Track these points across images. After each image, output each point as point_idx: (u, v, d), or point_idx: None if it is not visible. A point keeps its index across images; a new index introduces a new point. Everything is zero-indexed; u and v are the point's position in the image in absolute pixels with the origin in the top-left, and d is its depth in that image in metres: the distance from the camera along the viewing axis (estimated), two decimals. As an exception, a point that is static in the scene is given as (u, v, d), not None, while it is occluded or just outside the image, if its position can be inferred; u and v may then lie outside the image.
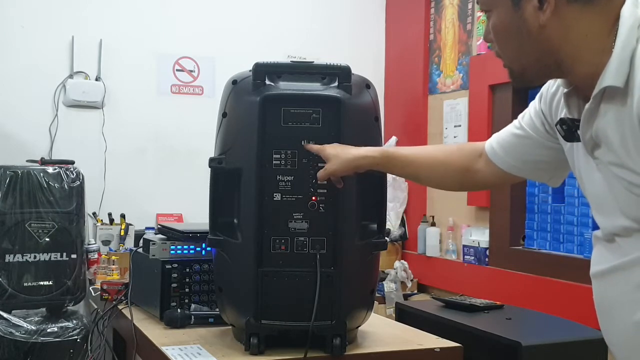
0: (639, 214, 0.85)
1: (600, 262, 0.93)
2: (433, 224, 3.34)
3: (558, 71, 0.92)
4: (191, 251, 1.57)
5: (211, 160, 1.30)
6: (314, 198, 1.25)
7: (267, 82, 1.26)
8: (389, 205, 3.25)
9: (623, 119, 0.83)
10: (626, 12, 0.85)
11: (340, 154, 1.21)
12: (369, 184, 1.31)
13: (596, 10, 0.86)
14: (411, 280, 3.32)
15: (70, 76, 3.11)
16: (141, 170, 3.19)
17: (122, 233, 3.00)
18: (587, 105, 0.88)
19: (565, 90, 0.95)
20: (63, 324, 2.06)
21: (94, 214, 3.03)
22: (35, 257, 2.02)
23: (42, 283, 2.02)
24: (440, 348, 1.34)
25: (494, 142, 1.14)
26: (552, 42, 0.89)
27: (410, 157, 1.22)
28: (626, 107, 0.83)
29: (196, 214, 2.79)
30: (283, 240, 1.25)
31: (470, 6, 3.18)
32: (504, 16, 0.91)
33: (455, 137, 3.20)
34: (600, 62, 0.85)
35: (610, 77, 0.84)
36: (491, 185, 1.24)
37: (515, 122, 1.12)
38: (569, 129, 0.93)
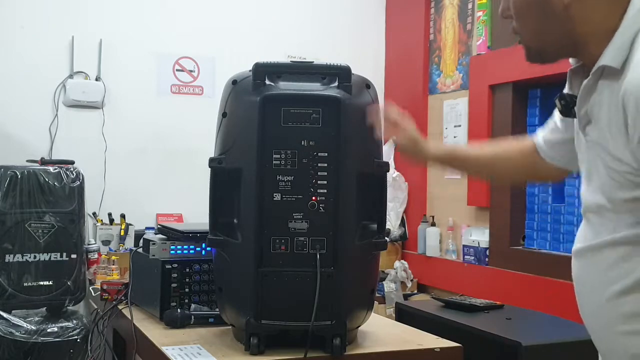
0: (613, 194, 0.87)
1: (579, 240, 0.96)
2: (433, 224, 3.34)
3: (574, 50, 0.93)
4: (191, 251, 1.56)
5: (211, 160, 1.30)
6: (314, 198, 1.25)
7: (267, 82, 1.26)
8: (389, 205, 3.25)
9: (613, 99, 0.85)
10: None
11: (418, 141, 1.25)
12: (369, 184, 1.31)
13: None
14: (411, 280, 3.32)
15: (70, 76, 3.11)
16: (141, 170, 3.19)
17: (122, 233, 3.00)
18: (585, 81, 0.90)
19: (573, 66, 0.97)
20: (63, 324, 2.06)
21: (94, 214, 3.03)
22: (35, 257, 2.02)
23: (42, 283, 2.02)
24: (440, 348, 1.34)
25: (540, 139, 1.15)
26: (573, 21, 0.90)
27: (474, 159, 1.26)
28: (616, 88, 0.84)
29: (196, 214, 2.79)
30: (283, 240, 1.25)
31: (470, 6, 3.18)
32: None
33: (455, 137, 3.20)
34: (608, 42, 0.87)
35: (609, 56, 0.86)
36: (554, 178, 1.24)
37: (552, 116, 1.13)
38: (567, 105, 0.96)
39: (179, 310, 1.48)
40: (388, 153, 3.48)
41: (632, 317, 0.86)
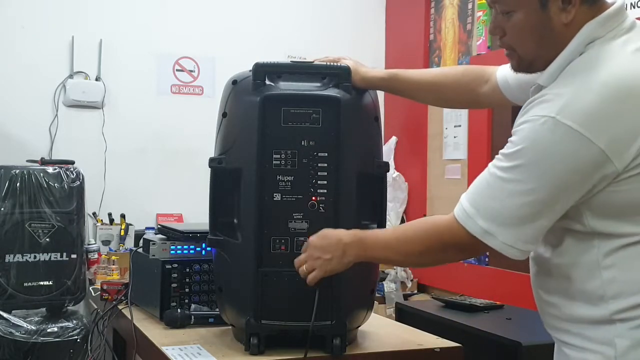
0: None
1: None
2: (433, 224, 3.32)
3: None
4: (191, 251, 1.56)
5: (211, 160, 1.30)
6: (314, 198, 1.25)
7: (267, 82, 1.26)
8: (389, 205, 3.24)
9: None
10: (586, 29, 0.95)
11: (358, 69, 1.30)
12: (369, 184, 1.30)
13: (592, 11, 0.96)
14: (411, 280, 3.32)
15: (70, 76, 3.10)
16: (141, 170, 3.18)
17: (122, 233, 2.99)
18: (532, 88, 1.01)
19: None
20: (63, 324, 2.06)
21: (94, 214, 3.02)
22: (35, 257, 2.02)
23: (42, 283, 2.02)
24: (441, 348, 1.34)
25: (510, 77, 1.19)
26: (567, 39, 0.97)
27: (416, 80, 1.31)
28: None
29: (196, 214, 2.79)
30: (283, 241, 1.25)
31: (470, 6, 3.17)
32: (530, 16, 0.97)
33: (455, 137, 3.19)
34: None
35: (544, 78, 0.98)
36: (493, 106, 1.39)
37: None
38: None
39: (179, 310, 1.48)
40: (388, 153, 3.48)
41: (547, 289, 1.04)
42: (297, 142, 1.25)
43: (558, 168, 0.91)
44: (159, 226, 1.78)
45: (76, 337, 2.04)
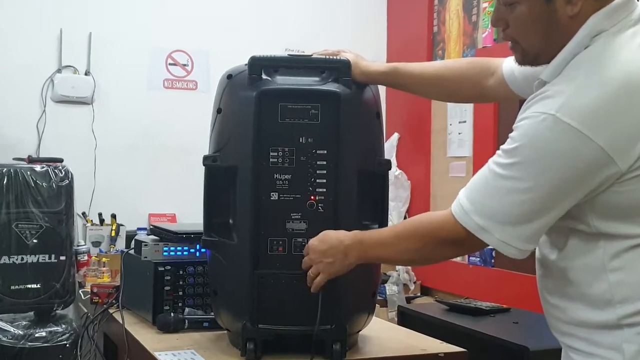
0: None
1: None
2: (435, 223, 3.30)
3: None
4: (185, 253, 1.56)
5: (205, 158, 1.28)
6: (312, 197, 1.24)
7: (264, 76, 1.25)
8: (391, 204, 3.22)
9: None
10: (592, 21, 0.94)
11: (358, 63, 1.28)
12: (370, 183, 1.29)
13: (599, 3, 0.94)
14: (414, 283, 3.30)
15: (59, 71, 3.08)
16: (133, 169, 3.16)
17: (113, 234, 2.99)
18: (536, 82, 1.00)
19: None
20: (52, 329, 2.08)
21: (83, 214, 3.01)
22: (22, 259, 2.03)
23: (29, 286, 2.04)
24: (445, 353, 1.32)
25: (516, 69, 1.17)
26: (573, 31, 0.95)
27: (418, 74, 1.30)
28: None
29: (190, 214, 2.76)
30: (280, 242, 1.24)
31: (475, -3, 3.13)
32: (534, 8, 0.96)
33: (459, 133, 3.15)
34: None
35: (547, 72, 0.97)
36: (500, 100, 1.38)
37: None
38: None
39: (172, 314, 1.47)
40: (390, 150, 3.44)
41: (552, 292, 1.03)
42: (295, 139, 1.23)
43: (556, 166, 0.90)
44: (151, 227, 1.78)
45: (65, 342, 2.06)
